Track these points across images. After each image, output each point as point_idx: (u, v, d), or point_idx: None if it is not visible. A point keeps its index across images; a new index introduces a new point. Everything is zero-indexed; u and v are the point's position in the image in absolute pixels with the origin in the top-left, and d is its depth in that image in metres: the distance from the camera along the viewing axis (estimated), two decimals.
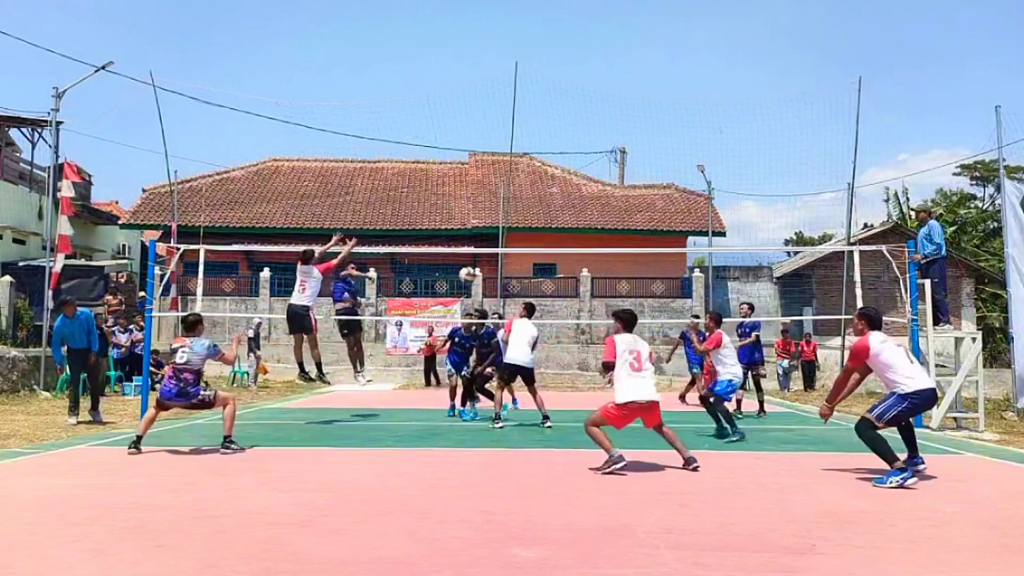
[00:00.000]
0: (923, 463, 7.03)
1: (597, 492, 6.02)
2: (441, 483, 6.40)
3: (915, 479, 6.54)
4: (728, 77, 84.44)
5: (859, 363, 7.00)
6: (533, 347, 10.92)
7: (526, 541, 4.49)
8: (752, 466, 7.31)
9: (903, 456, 6.88)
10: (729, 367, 9.90)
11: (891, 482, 6.44)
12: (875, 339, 6.97)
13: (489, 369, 12.02)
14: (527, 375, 10.95)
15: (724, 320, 10.85)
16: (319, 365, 11.60)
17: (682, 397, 15.43)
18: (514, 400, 13.41)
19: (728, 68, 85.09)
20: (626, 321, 7.52)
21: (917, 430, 10.80)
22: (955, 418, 11.56)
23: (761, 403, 13.39)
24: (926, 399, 7.03)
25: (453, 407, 12.41)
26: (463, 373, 12.31)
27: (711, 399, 9.80)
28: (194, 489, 6.05)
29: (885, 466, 6.65)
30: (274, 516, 5.07)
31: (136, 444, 7.91)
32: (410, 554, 4.20)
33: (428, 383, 21.93)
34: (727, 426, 9.59)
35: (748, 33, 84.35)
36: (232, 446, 8.05)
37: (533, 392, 10.94)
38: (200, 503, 5.51)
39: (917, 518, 5.25)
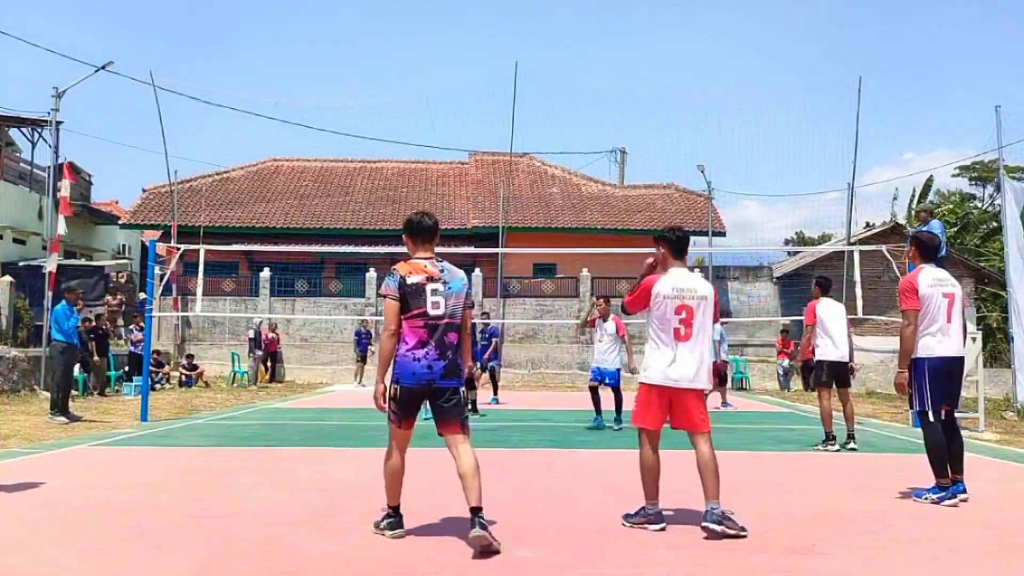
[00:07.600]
0: (964, 493, 5.77)
1: (597, 492, 6.02)
2: (441, 483, 6.39)
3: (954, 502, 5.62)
4: (729, 76, 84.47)
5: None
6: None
7: (526, 541, 4.49)
8: (752, 466, 7.31)
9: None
10: None
11: (927, 498, 5.70)
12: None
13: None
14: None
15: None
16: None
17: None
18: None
19: (729, 67, 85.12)
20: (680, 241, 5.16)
21: (915, 430, 10.87)
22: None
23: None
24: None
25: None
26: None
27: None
28: (194, 489, 6.05)
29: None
30: (274, 516, 5.07)
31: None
32: (410, 554, 4.20)
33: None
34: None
35: (750, 31, 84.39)
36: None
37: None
38: (200, 503, 5.50)
39: (917, 518, 5.24)
